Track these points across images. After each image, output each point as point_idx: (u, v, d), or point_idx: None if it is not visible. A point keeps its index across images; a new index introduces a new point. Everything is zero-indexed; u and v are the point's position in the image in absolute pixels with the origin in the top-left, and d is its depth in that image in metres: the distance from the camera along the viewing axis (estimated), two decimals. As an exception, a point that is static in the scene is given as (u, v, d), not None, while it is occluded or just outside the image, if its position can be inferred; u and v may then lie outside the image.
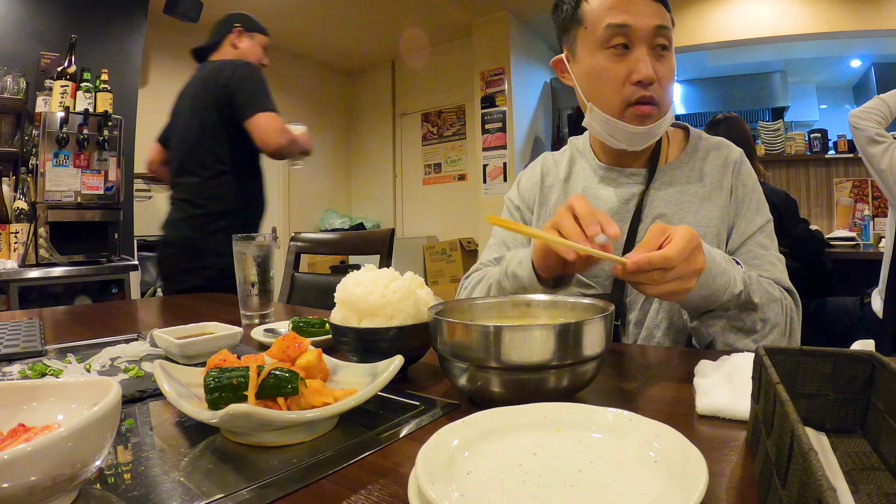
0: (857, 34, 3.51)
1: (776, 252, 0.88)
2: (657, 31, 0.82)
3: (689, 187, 0.91)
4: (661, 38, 0.82)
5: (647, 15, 0.81)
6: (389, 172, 5.54)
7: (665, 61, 0.84)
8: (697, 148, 0.95)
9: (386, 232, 1.57)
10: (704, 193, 0.90)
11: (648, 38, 0.82)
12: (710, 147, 0.95)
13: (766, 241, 0.89)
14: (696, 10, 3.81)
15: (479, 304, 0.63)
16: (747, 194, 0.91)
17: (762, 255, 0.86)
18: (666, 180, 0.93)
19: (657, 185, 0.92)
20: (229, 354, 0.51)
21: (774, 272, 0.84)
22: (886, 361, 0.38)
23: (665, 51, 0.84)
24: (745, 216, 0.89)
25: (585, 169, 1.01)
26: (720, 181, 0.90)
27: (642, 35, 0.82)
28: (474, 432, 0.39)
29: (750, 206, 0.90)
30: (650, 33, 0.82)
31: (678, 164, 0.94)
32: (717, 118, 2.49)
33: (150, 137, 2.35)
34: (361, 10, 4.31)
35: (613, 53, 0.83)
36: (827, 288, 2.61)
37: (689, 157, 0.94)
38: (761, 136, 3.91)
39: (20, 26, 2.77)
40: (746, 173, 0.92)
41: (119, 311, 1.31)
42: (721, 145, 0.95)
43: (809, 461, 0.23)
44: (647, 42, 0.82)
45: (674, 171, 0.93)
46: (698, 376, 0.55)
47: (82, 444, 0.32)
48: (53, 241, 2.44)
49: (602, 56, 0.84)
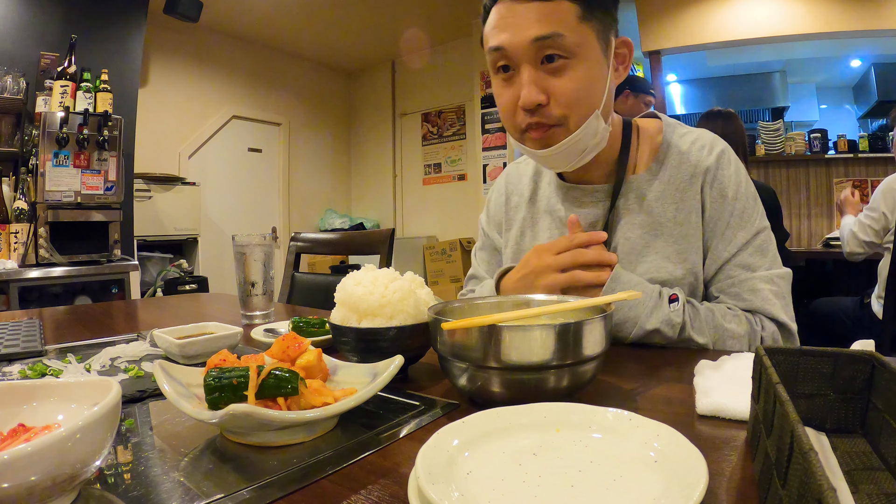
0: (857, 34, 3.51)
1: (767, 270, 0.77)
2: (537, 44, 0.70)
3: (657, 206, 0.81)
4: (547, 50, 0.70)
5: (523, 28, 0.70)
6: (389, 172, 5.55)
7: (562, 74, 0.72)
8: (669, 153, 0.83)
9: (386, 232, 1.57)
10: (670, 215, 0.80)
11: (529, 56, 0.71)
12: (682, 151, 0.83)
13: (753, 260, 0.78)
14: (696, 10, 3.81)
15: (479, 305, 0.63)
16: (725, 208, 0.79)
17: (743, 280, 0.77)
18: (633, 197, 0.82)
19: (623, 204, 0.83)
20: (229, 354, 0.51)
21: (755, 301, 0.76)
22: (886, 361, 0.38)
23: (560, 60, 0.71)
24: (724, 236, 0.79)
25: (550, 186, 0.92)
26: (689, 197, 0.80)
27: (520, 54, 0.71)
28: (474, 432, 0.39)
29: (730, 222, 0.78)
30: (528, 50, 0.71)
31: (647, 176, 0.83)
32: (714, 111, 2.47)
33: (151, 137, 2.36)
34: (361, 10, 4.31)
35: (501, 78, 0.76)
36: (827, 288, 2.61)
37: (659, 167, 0.83)
38: (761, 136, 3.91)
39: (20, 26, 2.77)
40: (725, 181, 0.80)
41: (119, 311, 1.31)
42: (693, 148, 0.82)
43: (809, 461, 0.23)
44: (530, 60, 0.71)
45: (641, 185, 0.82)
46: (698, 376, 0.55)
47: (82, 444, 0.32)
48: (53, 241, 2.44)
49: (495, 82, 0.77)
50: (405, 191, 5.50)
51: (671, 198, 0.81)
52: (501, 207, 1.00)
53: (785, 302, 0.77)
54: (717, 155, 0.81)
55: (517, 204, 0.97)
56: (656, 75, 4.04)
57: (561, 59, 0.71)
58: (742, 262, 0.78)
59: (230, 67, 4.65)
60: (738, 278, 0.77)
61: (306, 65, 5.37)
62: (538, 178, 0.95)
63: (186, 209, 3.73)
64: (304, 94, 5.34)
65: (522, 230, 0.95)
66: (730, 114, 2.42)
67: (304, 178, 5.31)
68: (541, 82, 0.72)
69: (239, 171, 4.76)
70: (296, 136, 5.26)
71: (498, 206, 1.01)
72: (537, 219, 0.94)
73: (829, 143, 3.79)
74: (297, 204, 5.25)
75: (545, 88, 0.72)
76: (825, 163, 3.79)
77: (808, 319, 2.37)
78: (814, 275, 2.66)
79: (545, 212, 0.92)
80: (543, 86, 0.72)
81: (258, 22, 4.40)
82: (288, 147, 5.18)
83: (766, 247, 0.79)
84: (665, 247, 0.79)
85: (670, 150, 0.83)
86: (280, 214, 5.11)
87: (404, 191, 5.51)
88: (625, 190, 0.83)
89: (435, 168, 5.29)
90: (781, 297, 0.77)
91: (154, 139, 3.78)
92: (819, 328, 2.35)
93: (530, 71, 0.72)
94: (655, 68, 4.03)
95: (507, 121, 0.78)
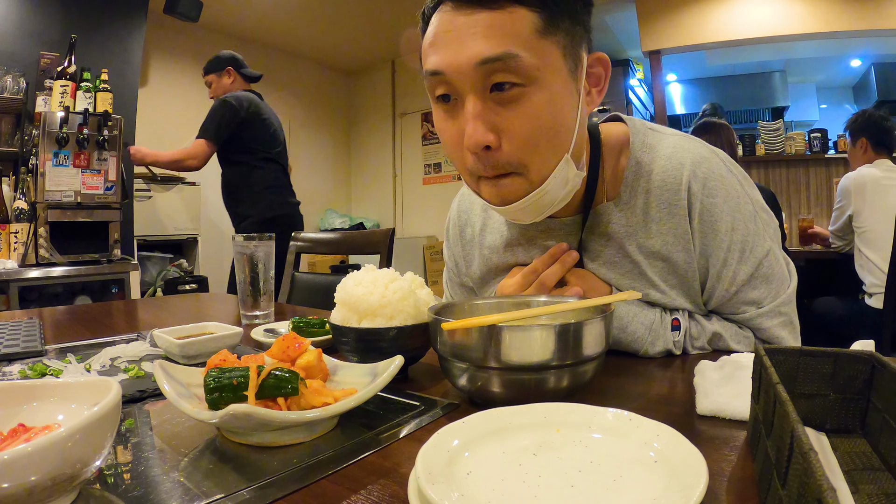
0: (857, 34, 3.51)
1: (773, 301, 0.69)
2: (483, 68, 0.54)
3: (629, 245, 0.69)
4: (496, 76, 0.55)
5: (466, 46, 0.54)
6: (389, 172, 5.55)
7: (516, 106, 0.56)
8: (639, 175, 0.68)
9: (386, 232, 1.57)
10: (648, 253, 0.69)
11: (474, 83, 0.55)
12: (655, 178, 0.68)
13: (758, 293, 0.68)
14: (695, 10, 3.81)
15: (479, 305, 0.63)
16: (719, 245, 0.67)
17: (750, 317, 0.69)
18: (600, 232, 0.70)
19: (593, 239, 0.70)
20: (229, 354, 0.51)
21: (762, 337, 0.70)
22: (886, 361, 0.38)
23: (514, 89, 0.55)
24: (722, 275, 0.68)
25: (502, 218, 0.78)
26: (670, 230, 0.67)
27: (462, 80, 0.56)
28: (474, 432, 0.39)
29: (727, 259, 0.67)
30: (472, 75, 0.55)
31: (616, 206, 0.69)
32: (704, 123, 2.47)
33: (150, 137, 2.37)
34: (361, 10, 4.31)
35: (442, 109, 0.60)
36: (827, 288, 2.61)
37: (629, 195, 0.68)
38: (761, 136, 3.91)
39: (20, 26, 2.77)
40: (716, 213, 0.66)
41: (119, 311, 1.31)
42: (668, 167, 0.67)
43: (809, 461, 0.23)
44: (475, 88, 0.56)
45: (610, 217, 0.69)
46: (698, 376, 0.55)
47: (82, 444, 0.32)
48: (53, 241, 2.44)
49: (435, 113, 0.62)
50: (405, 191, 5.50)
51: (645, 232, 0.68)
52: (458, 241, 0.88)
53: (792, 327, 0.72)
54: (703, 178, 0.66)
55: (471, 238, 0.85)
56: (656, 75, 4.05)
57: (515, 87, 0.55)
58: (746, 298, 0.69)
59: (230, 67, 4.65)
60: (744, 315, 0.69)
61: (306, 65, 5.36)
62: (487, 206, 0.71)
63: (186, 209, 3.73)
64: (304, 94, 5.33)
65: (483, 274, 0.84)
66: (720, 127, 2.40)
67: (304, 177, 5.30)
68: (489, 117, 0.56)
69: (239, 171, 4.75)
70: (296, 136, 5.26)
71: (455, 238, 0.89)
72: (493, 259, 0.81)
73: (829, 142, 3.79)
74: (297, 204, 5.25)
75: (495, 125, 0.56)
76: (825, 163, 3.79)
77: (808, 319, 2.38)
78: (814, 275, 2.67)
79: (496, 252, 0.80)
80: (493, 122, 0.56)
81: (258, 22, 4.40)
82: (288, 147, 5.17)
83: (771, 272, 0.69)
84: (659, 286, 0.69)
85: (640, 171, 0.69)
86: (280, 214, 5.11)
87: (404, 191, 5.51)
88: (591, 223, 0.70)
89: (435, 168, 5.29)
90: (789, 325, 0.71)
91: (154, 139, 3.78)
92: (819, 328, 2.36)
93: (475, 103, 0.56)
94: (655, 68, 4.03)
95: (457, 162, 0.63)
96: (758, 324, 0.69)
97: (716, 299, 0.70)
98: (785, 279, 0.72)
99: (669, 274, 0.69)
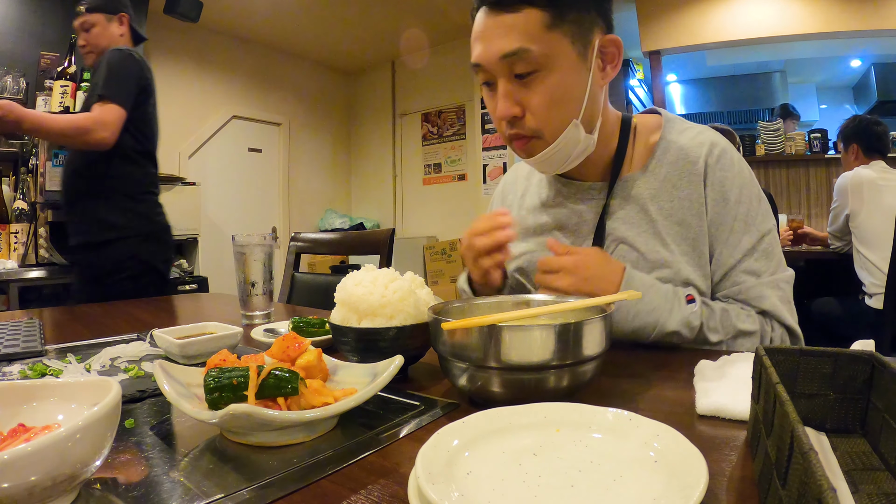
0: (857, 34, 3.51)
1: (772, 275, 0.76)
2: (506, 60, 0.70)
3: (652, 205, 0.79)
4: (517, 66, 0.71)
5: (493, 43, 0.71)
6: (389, 172, 5.55)
7: (534, 87, 0.72)
8: (667, 150, 0.81)
9: (386, 232, 1.57)
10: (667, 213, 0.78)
11: (502, 70, 0.72)
12: (680, 147, 0.81)
13: (759, 265, 0.76)
14: (696, 10, 3.82)
15: (479, 305, 0.63)
16: (728, 212, 0.77)
17: (750, 286, 0.75)
18: (626, 196, 0.81)
19: (617, 202, 0.82)
20: (229, 354, 0.51)
21: (763, 304, 0.75)
22: (886, 361, 0.38)
23: (531, 76, 0.71)
24: (728, 241, 0.77)
25: (542, 182, 0.93)
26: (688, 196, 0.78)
27: (494, 69, 0.72)
28: (474, 432, 0.39)
29: (734, 227, 0.77)
30: (500, 65, 0.71)
31: (642, 174, 0.81)
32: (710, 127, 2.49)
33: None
34: (361, 10, 4.31)
35: (486, 91, 0.77)
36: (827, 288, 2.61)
37: (655, 165, 0.81)
38: (761, 136, 3.91)
39: (20, 26, 2.77)
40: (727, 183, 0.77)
41: (119, 311, 1.31)
42: (692, 144, 0.80)
43: (809, 461, 0.23)
44: (503, 74, 0.72)
45: (636, 183, 0.81)
46: (698, 376, 0.55)
47: (82, 444, 0.32)
48: (53, 241, 2.44)
49: (483, 93, 0.79)
50: (405, 191, 5.50)
51: (667, 195, 0.79)
52: (500, 204, 1.03)
53: (790, 307, 0.77)
54: (718, 155, 0.79)
55: (511, 204, 1.00)
56: (656, 75, 4.05)
57: (531, 72, 0.71)
58: (748, 267, 0.76)
59: (230, 67, 4.65)
60: (744, 285, 0.76)
61: (306, 65, 5.36)
62: (531, 176, 0.97)
63: (186, 209, 3.72)
64: (304, 94, 5.33)
65: None
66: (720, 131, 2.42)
67: (304, 178, 5.31)
68: (515, 95, 0.73)
69: (239, 171, 4.76)
70: (296, 136, 5.26)
71: (497, 203, 1.05)
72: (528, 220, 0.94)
73: (829, 142, 3.80)
74: (297, 204, 5.25)
75: (520, 101, 0.73)
76: (825, 163, 3.79)
77: (808, 319, 2.38)
78: (813, 275, 2.67)
79: (536, 209, 0.93)
80: (518, 98, 0.73)
81: (258, 22, 4.40)
82: (288, 147, 5.17)
83: (771, 249, 0.77)
84: (652, 251, 0.78)
85: (668, 147, 0.81)
86: (280, 214, 5.11)
87: (404, 191, 5.51)
88: (617, 189, 0.82)
89: (435, 168, 5.29)
90: (787, 303, 0.77)
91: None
92: (819, 328, 2.36)
93: (504, 84, 0.73)
94: (655, 68, 4.03)
95: (498, 129, 0.80)
96: (758, 293, 0.75)
97: (721, 266, 0.77)
98: (783, 260, 0.79)
99: (682, 239, 0.78)
